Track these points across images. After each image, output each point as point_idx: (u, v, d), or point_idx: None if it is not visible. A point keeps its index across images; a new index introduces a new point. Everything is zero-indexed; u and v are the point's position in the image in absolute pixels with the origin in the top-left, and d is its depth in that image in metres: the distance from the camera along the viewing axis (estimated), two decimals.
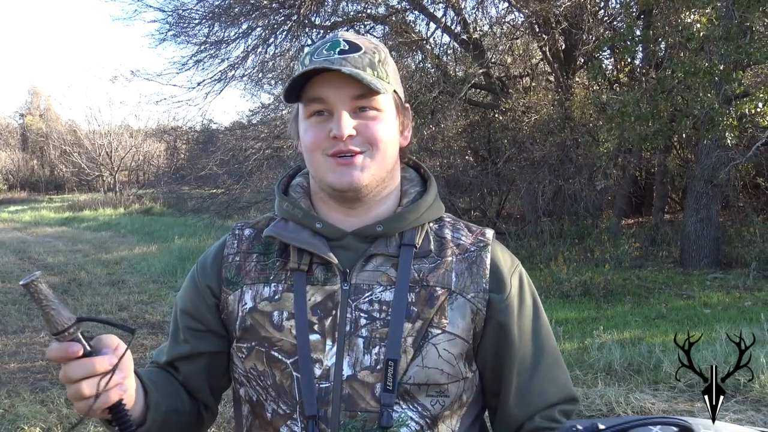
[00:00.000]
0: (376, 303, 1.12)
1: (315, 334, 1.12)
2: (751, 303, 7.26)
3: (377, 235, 1.16)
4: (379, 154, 1.13)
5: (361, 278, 1.14)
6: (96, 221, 21.63)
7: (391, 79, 1.16)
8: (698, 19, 8.05)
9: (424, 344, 1.11)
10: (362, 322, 1.12)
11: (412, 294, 1.13)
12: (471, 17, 12.28)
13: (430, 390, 1.11)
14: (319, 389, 1.10)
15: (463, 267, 1.16)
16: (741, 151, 9.06)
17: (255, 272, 1.19)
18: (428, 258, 1.16)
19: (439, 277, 1.15)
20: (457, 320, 1.13)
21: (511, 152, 12.00)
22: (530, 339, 1.19)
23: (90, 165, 36.15)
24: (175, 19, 12.83)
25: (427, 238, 1.19)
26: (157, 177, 30.93)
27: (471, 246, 1.19)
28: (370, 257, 1.15)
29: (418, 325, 1.11)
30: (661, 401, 4.28)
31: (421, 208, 1.19)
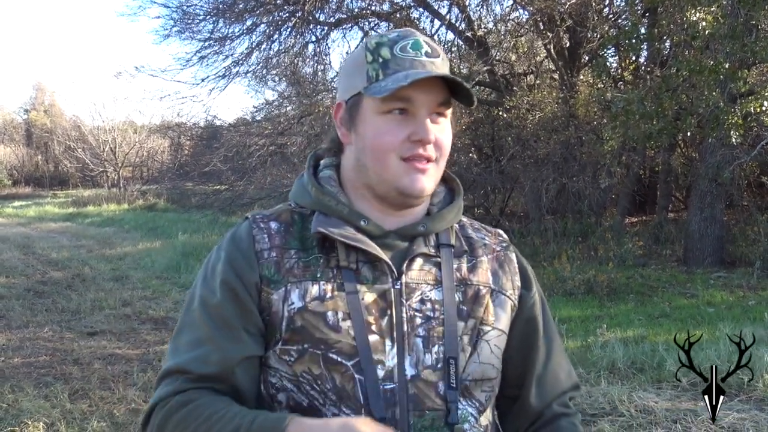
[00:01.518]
0: (428, 302, 1.13)
1: (373, 334, 1.09)
2: (754, 302, 7.25)
3: (417, 234, 1.16)
4: (443, 161, 1.15)
5: (410, 277, 1.14)
6: (100, 217, 21.68)
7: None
8: (704, 17, 8.03)
9: (478, 341, 1.15)
10: (418, 321, 1.11)
11: (459, 293, 1.16)
12: (475, 14, 12.27)
13: (484, 385, 1.16)
14: (383, 390, 1.07)
15: (496, 266, 1.23)
16: (746, 150, 9.04)
17: (298, 269, 1.12)
18: (464, 257, 1.20)
19: (479, 277, 1.19)
20: (501, 316, 1.19)
21: (514, 150, 11.99)
22: (544, 331, 1.26)
23: (94, 161, 36.18)
24: (179, 15, 12.83)
25: (459, 239, 1.22)
26: (161, 173, 30.93)
27: (496, 246, 1.26)
28: (416, 256, 1.15)
29: (471, 323, 1.15)
30: (664, 400, 4.27)
31: (455, 209, 1.22)
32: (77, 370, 5.47)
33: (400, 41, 1.11)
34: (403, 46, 1.10)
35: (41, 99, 52.65)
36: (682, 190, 14.67)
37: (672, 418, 3.98)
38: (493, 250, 1.24)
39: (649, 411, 4.10)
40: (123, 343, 6.33)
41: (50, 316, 7.43)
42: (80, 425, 4.25)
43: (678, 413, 4.03)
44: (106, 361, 5.71)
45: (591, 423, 4.02)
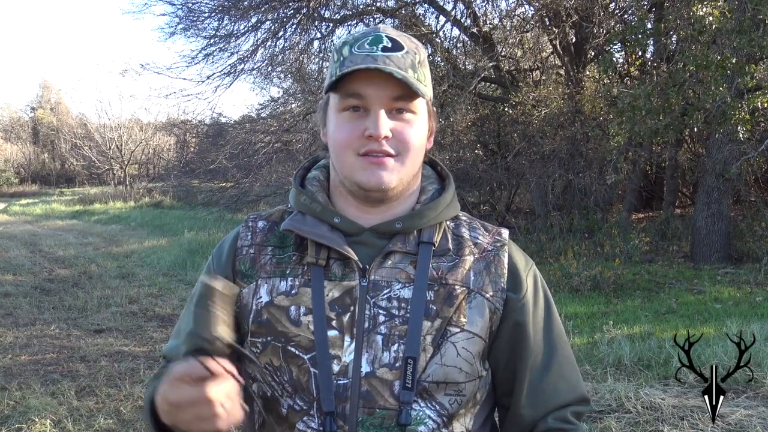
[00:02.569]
0: (395, 300, 1.11)
1: (333, 330, 1.11)
2: (762, 298, 7.22)
3: (395, 232, 1.15)
4: (409, 159, 1.13)
5: (379, 275, 1.13)
6: (106, 214, 21.74)
7: (428, 83, 1.15)
8: (710, 12, 7.99)
9: (443, 342, 1.10)
10: (381, 319, 1.11)
11: (431, 292, 1.12)
12: (481, 10, 12.23)
13: (448, 389, 1.11)
14: (336, 385, 1.09)
15: (482, 266, 1.17)
16: (753, 145, 9.00)
17: (270, 265, 1.17)
18: (446, 256, 1.16)
19: (457, 276, 1.15)
20: (475, 319, 1.13)
21: (520, 146, 11.96)
22: (543, 338, 1.19)
23: (100, 158, 36.29)
24: (184, 13, 12.84)
25: (445, 237, 1.19)
26: (167, 170, 30.99)
27: (488, 245, 1.20)
28: (388, 254, 1.14)
29: (437, 323, 1.11)
30: (671, 396, 4.26)
31: (440, 206, 1.19)
32: (84, 367, 5.49)
33: (362, 39, 1.11)
34: (362, 43, 1.10)
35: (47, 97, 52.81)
36: (688, 185, 14.61)
37: (679, 415, 3.97)
38: (482, 250, 1.19)
39: (655, 408, 4.09)
40: (129, 341, 6.35)
41: (57, 313, 7.46)
42: (87, 422, 4.26)
43: (685, 410, 4.02)
44: (113, 359, 5.73)
45: (597, 420, 4.02)
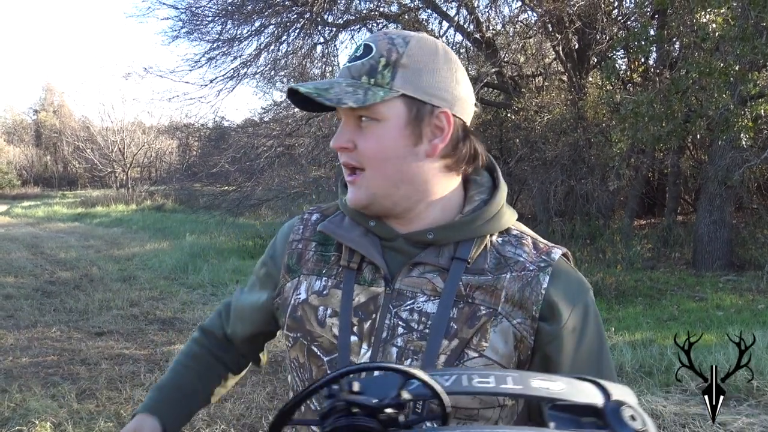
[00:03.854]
0: (416, 313, 1.06)
1: (354, 335, 1.09)
2: (764, 306, 7.20)
3: (428, 242, 1.09)
4: (374, 171, 1.06)
5: (404, 284, 1.08)
6: (108, 217, 21.76)
7: (400, 82, 1.03)
8: (713, 19, 7.99)
9: (457, 365, 1.03)
10: (399, 331, 1.06)
11: (455, 309, 1.05)
12: (484, 16, 12.24)
13: (458, 413, 1.04)
14: None
15: (515, 288, 1.06)
16: (755, 153, 8.99)
17: (312, 263, 1.17)
18: (480, 274, 1.07)
19: (486, 296, 1.06)
20: (497, 345, 1.04)
21: (523, 152, 11.96)
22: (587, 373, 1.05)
23: (103, 161, 36.36)
24: (188, 17, 12.88)
25: (485, 254, 1.09)
26: (169, 174, 31.04)
27: (530, 264, 1.08)
28: (417, 264, 1.09)
29: (454, 343, 1.04)
30: (672, 404, 4.25)
31: (479, 219, 1.09)
32: (85, 370, 5.48)
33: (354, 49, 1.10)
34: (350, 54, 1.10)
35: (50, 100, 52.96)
36: (691, 192, 14.61)
37: (680, 423, 3.96)
38: (523, 268, 1.07)
39: (657, 415, 4.07)
40: (130, 344, 6.34)
41: (58, 316, 7.46)
42: (87, 425, 4.26)
43: (686, 417, 4.01)
44: (114, 362, 5.72)
45: None
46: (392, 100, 1.03)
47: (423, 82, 1.05)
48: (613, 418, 0.59)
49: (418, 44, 1.06)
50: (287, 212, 17.38)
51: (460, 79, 1.08)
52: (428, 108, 1.05)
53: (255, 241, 12.88)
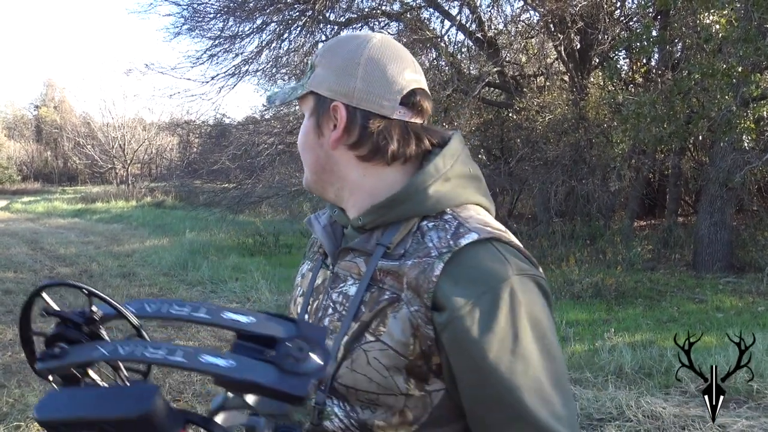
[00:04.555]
0: (342, 295, 1.12)
1: (306, 314, 1.20)
2: (764, 308, 7.19)
3: (362, 227, 1.14)
4: (303, 160, 1.19)
5: (340, 267, 1.15)
6: (108, 213, 21.75)
7: (311, 80, 1.13)
8: (717, 20, 7.98)
9: (355, 347, 1.06)
10: (329, 311, 1.14)
11: (368, 293, 1.07)
12: (486, 15, 12.24)
13: (359, 396, 1.06)
14: None
15: (413, 274, 1.04)
16: (757, 155, 8.98)
17: (310, 252, 1.32)
18: (395, 258, 1.07)
19: (394, 281, 1.05)
20: (394, 331, 1.03)
21: (524, 152, 11.96)
22: (492, 370, 0.99)
23: (103, 157, 36.34)
24: (190, 13, 12.87)
25: (408, 238, 1.09)
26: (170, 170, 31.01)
27: (434, 251, 1.04)
28: (351, 249, 1.14)
29: (357, 326, 1.06)
30: (672, 405, 4.24)
31: (394, 203, 1.10)
32: None
33: None
34: None
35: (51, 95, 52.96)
36: (691, 194, 14.61)
37: (680, 424, 3.95)
38: (426, 254, 1.04)
39: (656, 416, 4.07)
40: None
41: None
42: None
43: (686, 419, 4.00)
44: None
45: (598, 428, 4.00)
46: (307, 97, 1.15)
47: (324, 78, 1.12)
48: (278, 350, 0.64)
49: (336, 43, 1.16)
50: (287, 210, 17.38)
51: (368, 72, 1.10)
52: (327, 102, 1.12)
53: (255, 238, 12.88)
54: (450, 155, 1.14)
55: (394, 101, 1.11)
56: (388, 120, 1.11)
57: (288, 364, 0.65)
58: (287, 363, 0.65)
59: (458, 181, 1.13)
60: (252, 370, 0.64)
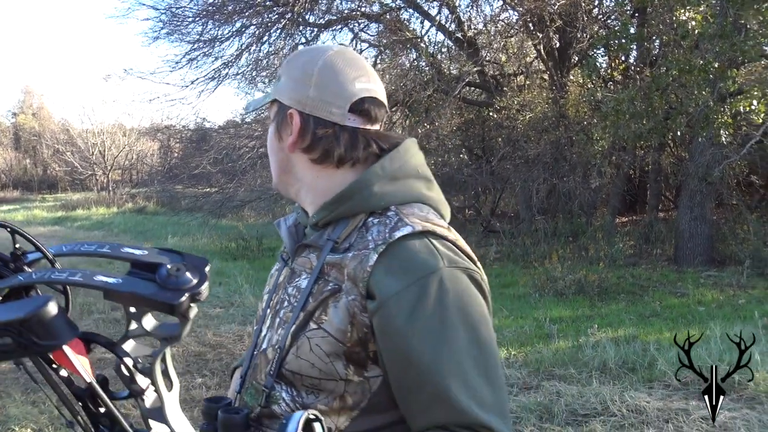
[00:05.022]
0: (296, 289, 1.20)
1: (268, 308, 1.28)
2: (744, 301, 7.27)
3: (316, 225, 1.22)
4: (270, 162, 1.28)
5: (297, 263, 1.24)
6: (89, 220, 21.57)
7: (274, 88, 1.25)
8: (693, 17, 8.06)
9: (300, 335, 1.14)
10: (285, 305, 1.21)
11: (316, 285, 1.16)
12: (465, 15, 12.28)
13: (304, 381, 1.14)
14: (253, 355, 1.25)
15: (352, 266, 1.10)
16: (735, 149, 9.08)
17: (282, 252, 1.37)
18: (340, 252, 1.14)
19: (337, 273, 1.13)
20: (334, 320, 1.10)
21: (505, 150, 12.00)
22: (417, 354, 1.05)
23: (83, 164, 36.00)
24: (168, 17, 12.79)
25: (354, 233, 1.16)
26: (151, 176, 30.82)
27: (372, 243, 1.11)
28: (306, 246, 1.23)
29: (303, 315, 1.15)
30: (655, 399, 4.27)
31: (341, 200, 1.17)
32: None
33: None
34: None
35: (29, 102, 52.37)
36: (672, 189, 14.72)
37: (664, 418, 3.97)
38: (365, 247, 1.11)
39: (640, 411, 4.09)
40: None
41: None
42: (68, 431, 4.20)
43: (670, 413, 4.03)
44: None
45: (583, 423, 4.02)
46: (272, 105, 1.24)
47: (285, 87, 1.21)
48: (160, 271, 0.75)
49: (294, 57, 1.24)
50: (270, 213, 17.30)
51: (323, 82, 1.18)
52: (285, 109, 1.21)
53: (238, 242, 12.81)
54: (397, 157, 1.20)
55: (343, 109, 1.17)
56: (339, 126, 1.18)
57: (166, 280, 0.75)
58: (165, 280, 0.76)
59: (405, 181, 1.19)
60: (134, 285, 0.77)
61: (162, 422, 0.84)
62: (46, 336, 0.77)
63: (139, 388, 0.83)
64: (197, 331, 6.73)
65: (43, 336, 0.77)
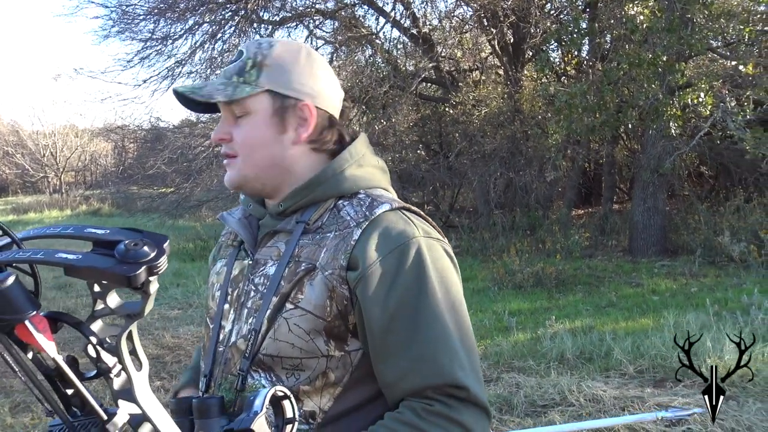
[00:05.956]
0: (263, 277, 1.22)
1: (227, 303, 1.27)
2: (696, 289, 7.44)
3: (282, 212, 1.24)
4: (248, 156, 1.22)
5: (260, 254, 1.25)
6: (42, 224, 21.01)
7: (265, 79, 1.20)
8: (641, 12, 8.21)
9: (277, 318, 1.16)
10: (251, 294, 1.22)
11: (286, 269, 1.18)
12: (420, 11, 12.32)
13: (284, 363, 1.16)
14: (217, 352, 1.26)
15: (333, 244, 1.16)
16: (685, 141, 9.28)
17: (222, 249, 1.39)
18: (312, 235, 1.20)
19: (310, 253, 1.17)
20: (312, 297, 1.15)
21: (462, 146, 12.07)
22: (398, 318, 1.11)
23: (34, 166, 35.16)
24: (118, 15, 12.54)
25: (325, 216, 1.21)
26: (105, 177, 30.29)
27: (352, 221, 1.18)
28: (273, 234, 1.25)
29: (277, 299, 1.17)
30: (612, 388, 4.34)
31: (313, 185, 1.22)
32: (19, 382, 5.29)
33: None
34: None
35: None
36: (625, 181, 14.99)
37: (620, 406, 4.05)
38: (345, 226, 1.17)
39: (597, 400, 4.16)
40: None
41: None
42: None
43: (626, 401, 4.11)
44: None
45: (542, 414, 4.07)
46: (259, 95, 1.20)
47: (286, 79, 1.21)
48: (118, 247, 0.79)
49: (282, 47, 1.23)
50: None
51: (321, 76, 1.24)
52: (292, 101, 1.21)
53: (196, 243, 12.65)
54: (361, 145, 1.28)
55: (340, 102, 1.28)
56: (333, 117, 1.27)
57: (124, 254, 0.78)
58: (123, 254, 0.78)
59: (370, 169, 1.28)
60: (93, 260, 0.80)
61: (132, 402, 0.84)
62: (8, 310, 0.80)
63: (106, 366, 0.84)
64: (155, 333, 6.64)
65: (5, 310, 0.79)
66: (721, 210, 10.55)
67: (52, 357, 0.84)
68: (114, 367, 0.84)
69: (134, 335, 0.84)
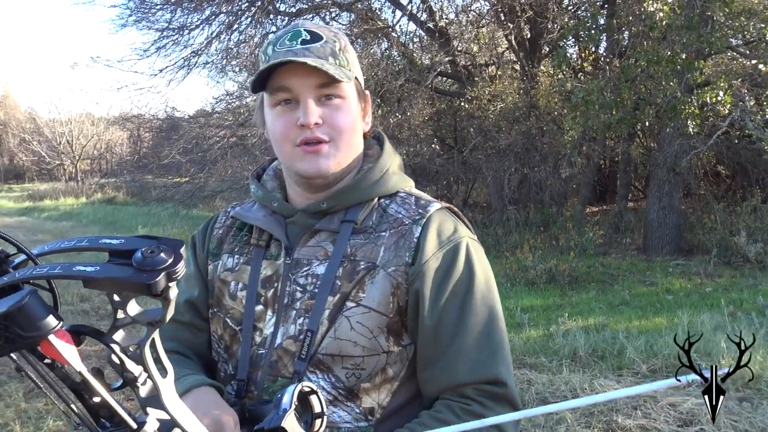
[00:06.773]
0: (311, 276, 1.19)
1: (260, 305, 1.22)
2: (711, 289, 7.38)
3: (324, 211, 1.22)
4: (344, 142, 1.19)
5: (301, 253, 1.21)
6: (57, 211, 21.24)
7: (353, 67, 1.21)
8: (661, 8, 8.13)
9: (338, 317, 1.15)
10: (297, 295, 1.19)
11: (341, 268, 1.17)
12: (437, 5, 12.26)
13: (344, 362, 1.15)
14: (255, 355, 1.20)
15: (392, 241, 1.18)
16: (702, 140, 9.20)
17: (228, 245, 1.32)
18: (364, 233, 1.20)
19: (367, 252, 1.18)
20: (374, 294, 1.15)
21: (477, 141, 12.03)
22: (448, 311, 1.16)
23: (50, 153, 35.46)
24: (136, 4, 12.61)
25: (373, 214, 1.22)
26: (120, 166, 30.44)
27: (407, 219, 1.20)
28: (314, 233, 1.22)
29: (337, 298, 1.15)
30: (624, 387, 4.32)
31: (362, 184, 1.22)
32: None
33: (283, 36, 1.18)
34: (283, 40, 1.17)
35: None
36: (641, 179, 14.88)
37: (632, 405, 4.03)
38: (400, 224, 1.20)
39: (610, 398, 4.13)
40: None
41: None
42: (36, 424, 4.15)
43: (638, 400, 4.08)
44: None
45: (553, 411, 4.05)
46: (350, 81, 1.20)
47: (358, 67, 1.25)
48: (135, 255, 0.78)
49: (342, 37, 1.23)
50: None
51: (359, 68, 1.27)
52: (362, 89, 1.25)
53: None
54: (392, 149, 1.31)
55: None
56: None
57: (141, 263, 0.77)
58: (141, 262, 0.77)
59: (401, 170, 1.31)
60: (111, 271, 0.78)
61: (160, 409, 0.84)
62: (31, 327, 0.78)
63: (132, 375, 0.83)
64: None
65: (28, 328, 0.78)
66: (737, 210, 10.46)
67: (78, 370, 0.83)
68: (140, 375, 0.84)
69: (157, 342, 0.85)
